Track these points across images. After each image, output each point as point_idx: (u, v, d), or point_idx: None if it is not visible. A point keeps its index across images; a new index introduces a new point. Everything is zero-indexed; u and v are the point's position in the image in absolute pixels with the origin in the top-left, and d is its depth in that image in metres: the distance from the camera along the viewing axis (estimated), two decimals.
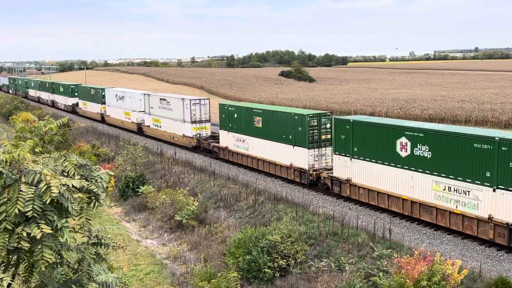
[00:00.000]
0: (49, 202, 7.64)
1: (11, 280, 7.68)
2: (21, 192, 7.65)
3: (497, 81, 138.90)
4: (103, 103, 69.44)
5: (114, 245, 10.16)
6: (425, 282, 17.64)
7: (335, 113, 53.12)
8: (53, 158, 8.81)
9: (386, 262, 20.22)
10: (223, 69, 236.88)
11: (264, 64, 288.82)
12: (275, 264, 21.96)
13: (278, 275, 21.99)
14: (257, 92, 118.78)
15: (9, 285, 7.37)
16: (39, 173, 7.81)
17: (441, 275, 18.01)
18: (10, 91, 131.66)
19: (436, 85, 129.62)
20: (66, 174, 8.48)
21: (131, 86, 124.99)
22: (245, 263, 22.16)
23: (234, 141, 40.99)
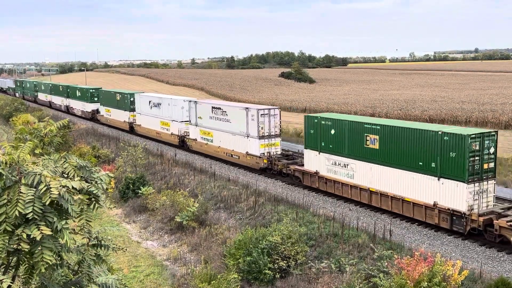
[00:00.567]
0: (49, 204, 7.64)
1: (11, 282, 7.67)
2: (21, 194, 7.65)
3: (497, 82, 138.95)
4: (132, 110, 60.27)
5: (114, 247, 10.17)
6: (426, 283, 17.63)
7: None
8: (53, 160, 8.82)
9: (386, 263, 20.21)
10: (223, 70, 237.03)
11: (264, 65, 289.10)
12: (276, 265, 21.95)
13: (279, 276, 21.98)
14: (257, 93, 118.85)
15: (9, 286, 7.36)
16: (39, 174, 7.81)
17: (442, 276, 18.00)
18: (16, 94, 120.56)
19: (436, 86, 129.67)
20: (66, 175, 8.49)
21: (131, 87, 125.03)
22: (246, 264, 22.15)
23: (328, 165, 31.81)
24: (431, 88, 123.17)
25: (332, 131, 31.40)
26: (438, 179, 25.20)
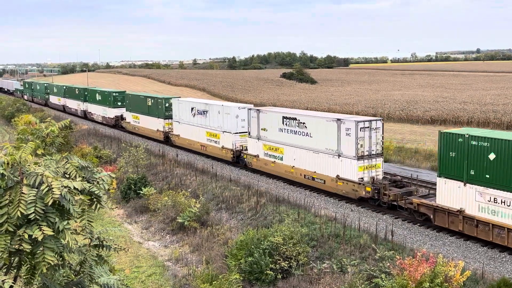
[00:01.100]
0: (50, 204, 7.65)
1: (13, 282, 7.67)
2: (23, 194, 7.66)
3: (499, 82, 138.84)
4: (168, 117, 52.74)
5: (116, 247, 10.18)
6: (428, 284, 17.59)
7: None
8: (55, 160, 8.83)
9: (388, 264, 20.18)
10: (225, 71, 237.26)
11: (266, 66, 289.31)
12: (277, 266, 21.93)
13: (280, 277, 21.96)
14: (259, 94, 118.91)
15: (11, 287, 7.36)
16: (40, 175, 7.82)
17: (444, 276, 17.96)
18: (25, 96, 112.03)
19: (438, 86, 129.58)
20: (67, 176, 8.50)
21: (133, 88, 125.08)
22: (247, 265, 22.14)
23: (482, 201, 23.71)
24: (433, 88, 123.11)
25: (491, 156, 23.31)
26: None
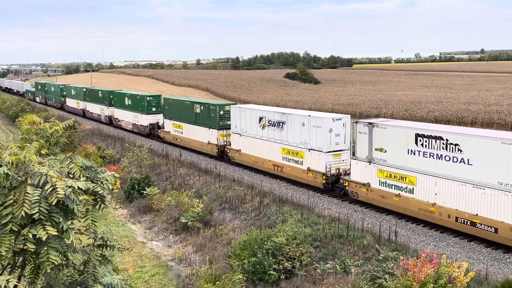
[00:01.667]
0: (55, 204, 7.66)
1: (17, 282, 7.70)
2: (27, 194, 7.68)
3: (503, 82, 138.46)
4: (223, 128, 44.27)
5: (119, 247, 10.18)
6: (431, 285, 17.55)
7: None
8: (59, 160, 8.84)
9: (392, 265, 20.15)
10: (228, 71, 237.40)
11: (269, 66, 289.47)
12: (280, 266, 21.92)
13: (283, 277, 21.95)
14: (262, 94, 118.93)
15: (15, 286, 7.38)
16: (45, 175, 7.83)
17: (448, 277, 17.92)
18: (37, 99, 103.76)
19: (441, 86, 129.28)
20: (72, 176, 8.51)
21: (137, 88, 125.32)
22: (250, 265, 22.13)
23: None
24: (436, 89, 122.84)
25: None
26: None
